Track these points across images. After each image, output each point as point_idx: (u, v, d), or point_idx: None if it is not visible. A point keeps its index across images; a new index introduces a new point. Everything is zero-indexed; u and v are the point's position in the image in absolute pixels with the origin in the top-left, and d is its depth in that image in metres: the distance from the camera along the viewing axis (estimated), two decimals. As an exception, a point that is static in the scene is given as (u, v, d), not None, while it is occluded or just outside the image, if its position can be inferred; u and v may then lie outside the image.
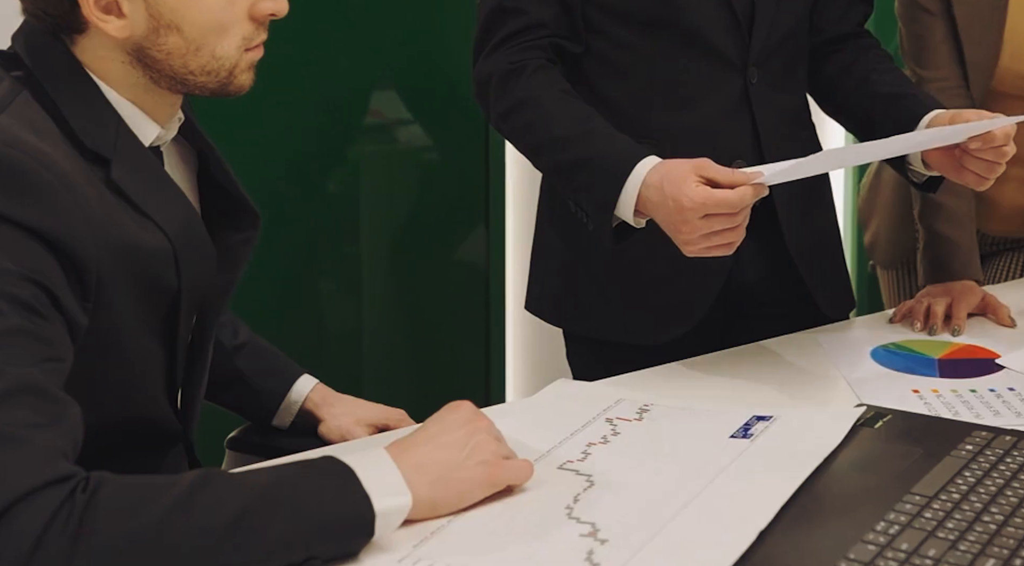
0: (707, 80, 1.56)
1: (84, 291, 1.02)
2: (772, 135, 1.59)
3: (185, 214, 1.15)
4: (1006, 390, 1.39)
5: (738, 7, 1.54)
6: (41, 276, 0.96)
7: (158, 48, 1.10)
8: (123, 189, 1.08)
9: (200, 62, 1.11)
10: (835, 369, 1.47)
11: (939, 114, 1.50)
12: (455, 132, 2.74)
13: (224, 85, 1.14)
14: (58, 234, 0.98)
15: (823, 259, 1.68)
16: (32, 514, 0.85)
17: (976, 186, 1.45)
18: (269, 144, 2.46)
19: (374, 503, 0.97)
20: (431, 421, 1.09)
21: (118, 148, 1.09)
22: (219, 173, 1.24)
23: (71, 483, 0.88)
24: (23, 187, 0.98)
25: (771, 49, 1.57)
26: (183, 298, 1.14)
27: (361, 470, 0.98)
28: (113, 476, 0.90)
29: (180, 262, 1.12)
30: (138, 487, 0.90)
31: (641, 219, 1.39)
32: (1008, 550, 0.96)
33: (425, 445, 1.05)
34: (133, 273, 1.07)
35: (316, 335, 2.62)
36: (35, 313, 0.95)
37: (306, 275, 2.61)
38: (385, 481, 0.99)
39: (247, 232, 1.26)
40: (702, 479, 1.11)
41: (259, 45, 1.16)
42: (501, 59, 1.53)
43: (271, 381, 1.45)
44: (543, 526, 1.03)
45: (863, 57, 1.65)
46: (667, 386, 1.40)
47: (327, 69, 2.54)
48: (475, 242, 2.82)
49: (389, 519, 0.99)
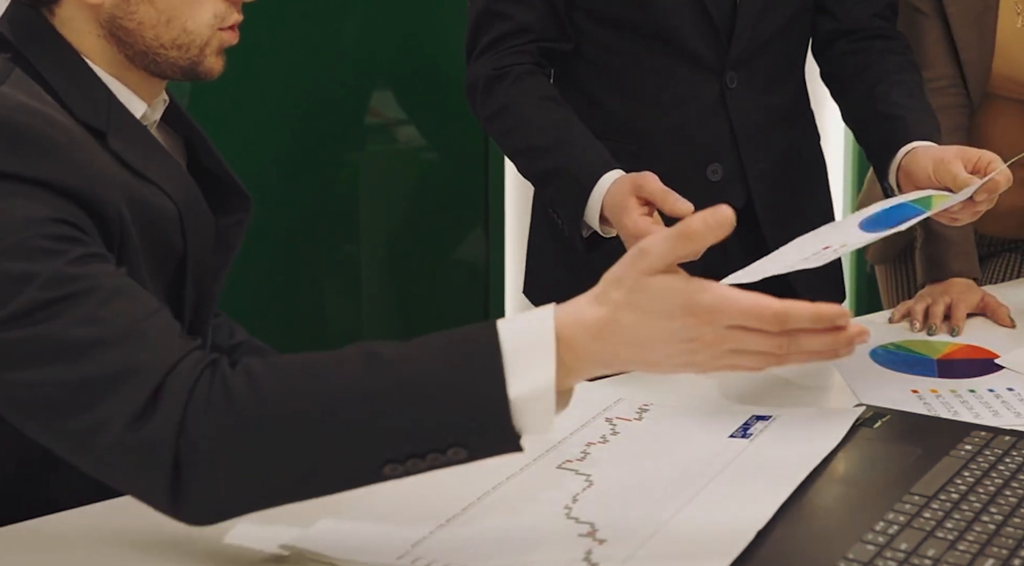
0: (684, 84, 1.58)
1: (109, 244, 1.03)
2: (751, 137, 1.60)
3: (185, 181, 1.17)
4: (1005, 390, 1.39)
5: (716, 13, 1.54)
6: (75, 220, 0.99)
7: (129, 17, 1.11)
8: (123, 157, 1.10)
9: (171, 35, 1.12)
10: (834, 369, 1.47)
11: (916, 151, 1.45)
12: (454, 132, 2.74)
13: (194, 64, 1.15)
14: (82, 188, 1.00)
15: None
16: (173, 395, 0.90)
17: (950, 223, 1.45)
18: (268, 144, 2.46)
19: (510, 388, 0.88)
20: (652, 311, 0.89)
21: (111, 121, 1.11)
22: (208, 158, 1.26)
23: (192, 358, 0.92)
24: (39, 147, 0.99)
25: (754, 52, 1.58)
26: (189, 264, 1.16)
27: (512, 356, 0.88)
28: (252, 358, 0.94)
29: (185, 225, 1.14)
30: (279, 362, 0.93)
31: (611, 228, 1.42)
32: (1007, 550, 0.96)
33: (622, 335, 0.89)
34: (147, 231, 1.09)
35: (315, 335, 2.62)
36: (81, 243, 0.98)
37: (305, 275, 2.61)
38: (532, 372, 0.88)
39: (239, 215, 1.27)
40: (701, 479, 1.11)
41: (233, 27, 1.17)
42: (487, 64, 1.56)
43: None
44: (542, 526, 1.03)
45: (876, 63, 1.62)
46: (667, 386, 1.40)
47: (326, 69, 2.54)
48: (474, 242, 2.82)
49: (532, 406, 0.89)
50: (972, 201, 1.37)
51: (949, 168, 1.37)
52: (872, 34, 1.65)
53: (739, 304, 0.87)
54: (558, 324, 0.89)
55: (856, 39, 1.65)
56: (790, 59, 1.65)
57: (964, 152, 1.39)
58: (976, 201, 1.36)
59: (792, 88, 1.68)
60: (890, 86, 1.59)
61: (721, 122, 1.59)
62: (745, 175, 1.63)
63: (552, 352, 0.88)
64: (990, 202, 1.38)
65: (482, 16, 1.58)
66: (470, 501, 1.07)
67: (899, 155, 1.48)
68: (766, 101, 1.62)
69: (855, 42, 1.65)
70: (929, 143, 1.47)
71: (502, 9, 1.56)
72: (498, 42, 1.56)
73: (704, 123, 1.58)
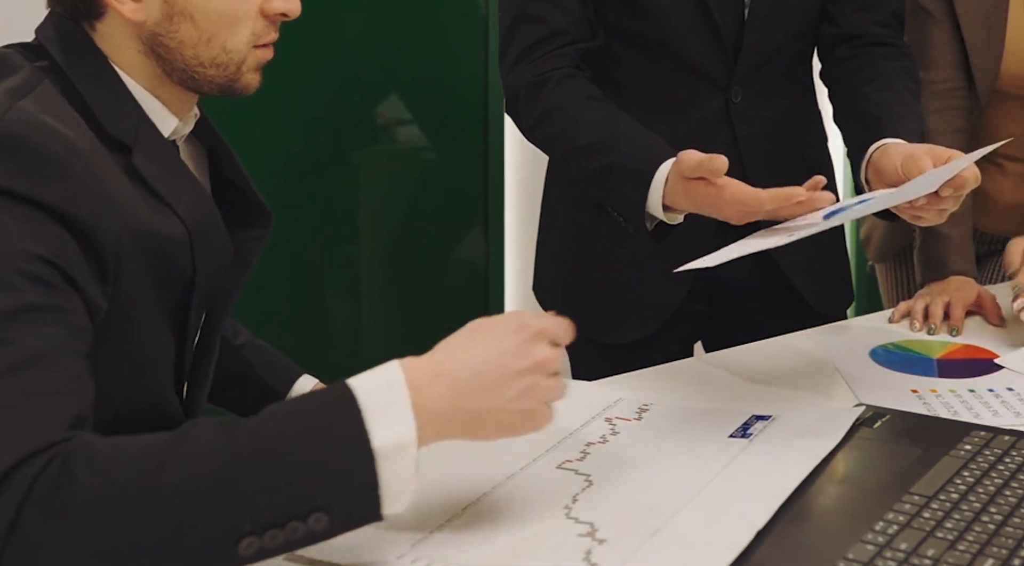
0: (689, 96, 1.58)
1: (103, 275, 1.02)
2: (755, 148, 1.60)
3: (203, 204, 1.17)
4: (1005, 390, 1.40)
5: (724, 30, 1.54)
6: (59, 258, 0.97)
7: (171, 35, 1.11)
8: (143, 176, 1.10)
9: (211, 54, 1.13)
10: (834, 369, 1.47)
11: (887, 146, 1.44)
12: (454, 132, 2.74)
13: (231, 81, 1.15)
14: (80, 216, 0.99)
15: (814, 257, 1.69)
16: (12, 488, 0.84)
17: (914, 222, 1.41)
18: (268, 144, 2.46)
19: (373, 439, 0.89)
20: (477, 333, 0.98)
21: (139, 136, 1.11)
22: (232, 171, 1.26)
23: (53, 451, 0.86)
24: (46, 168, 0.99)
25: (759, 67, 1.58)
26: (196, 288, 1.15)
27: (370, 405, 0.90)
28: (100, 437, 0.88)
29: (196, 251, 1.13)
30: (125, 444, 0.88)
31: (675, 215, 1.39)
32: (1007, 550, 0.96)
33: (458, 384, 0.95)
34: (151, 259, 1.08)
35: (315, 334, 2.62)
36: (52, 287, 0.95)
37: (305, 274, 2.61)
38: (392, 420, 0.91)
39: (258, 230, 1.27)
40: (701, 479, 1.11)
41: (268, 45, 1.17)
42: (526, 71, 1.53)
43: (271, 382, 1.45)
44: (542, 526, 1.03)
45: (870, 68, 1.62)
46: (666, 386, 1.40)
47: (327, 69, 2.54)
48: (473, 242, 2.82)
49: (395, 456, 0.90)
50: (938, 197, 1.32)
51: (918, 163, 1.34)
52: (872, 41, 1.65)
53: (549, 323, 0.98)
54: (403, 366, 0.93)
55: (856, 45, 1.65)
56: (796, 68, 1.65)
57: (934, 150, 1.37)
58: (942, 197, 1.32)
59: (798, 95, 1.68)
60: (878, 89, 1.58)
61: (724, 134, 1.59)
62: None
63: (406, 393, 0.92)
64: (956, 202, 1.34)
65: (516, 22, 1.55)
66: (470, 501, 1.07)
67: (870, 150, 1.46)
68: (770, 112, 1.62)
69: (854, 48, 1.65)
70: (901, 140, 1.46)
71: (536, 12, 1.53)
72: (534, 48, 1.53)
73: (706, 135, 1.57)
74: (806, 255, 1.66)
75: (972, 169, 1.32)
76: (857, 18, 1.64)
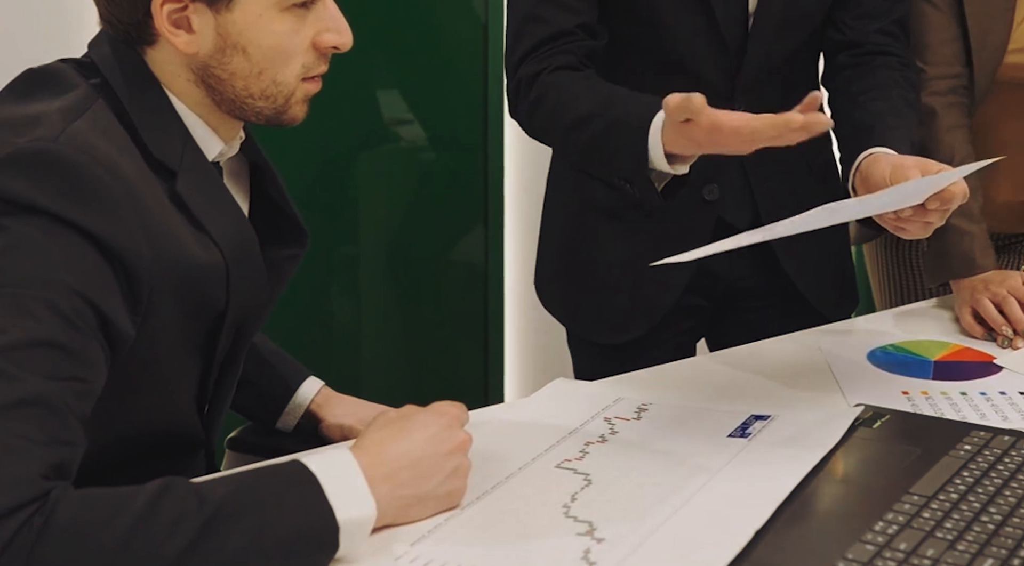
0: None
1: (135, 303, 1.02)
2: (757, 158, 1.59)
3: (241, 232, 1.17)
4: (997, 394, 1.39)
5: (730, 41, 1.54)
6: (92, 291, 0.97)
7: (222, 67, 1.11)
8: (186, 202, 1.10)
9: (261, 86, 1.13)
10: (832, 369, 1.47)
11: (876, 155, 1.43)
12: (454, 132, 2.74)
13: (279, 113, 1.16)
14: (117, 243, 0.99)
15: (816, 258, 1.69)
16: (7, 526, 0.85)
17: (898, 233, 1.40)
18: (268, 144, 2.45)
19: (337, 515, 0.94)
20: (410, 422, 1.07)
21: (184, 160, 1.11)
22: (273, 189, 1.26)
23: (34, 506, 0.87)
24: (89, 193, 0.99)
25: (763, 78, 1.58)
26: (228, 315, 1.15)
27: (327, 481, 0.96)
28: (74, 493, 0.89)
29: (231, 280, 1.14)
30: (96, 504, 0.89)
31: (682, 165, 1.35)
32: (1007, 550, 0.96)
33: (400, 463, 1.03)
34: (185, 288, 1.08)
35: (315, 334, 2.62)
36: (74, 328, 0.95)
37: (305, 274, 2.61)
38: (351, 493, 0.97)
39: (293, 249, 1.28)
40: (699, 478, 1.11)
41: (317, 77, 1.17)
42: (531, 67, 1.53)
43: (277, 383, 1.45)
44: (540, 524, 1.03)
45: (868, 76, 1.61)
46: (665, 386, 1.40)
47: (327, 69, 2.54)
48: (474, 242, 2.82)
49: (355, 531, 0.96)
50: (924, 210, 1.32)
51: (906, 174, 1.33)
52: (873, 50, 1.64)
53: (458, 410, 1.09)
54: (352, 450, 1.00)
55: (857, 53, 1.64)
56: (800, 78, 1.64)
57: (924, 163, 1.35)
58: (928, 210, 1.31)
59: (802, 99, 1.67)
60: (873, 98, 1.57)
61: None
62: (752, 194, 1.63)
63: (360, 475, 0.98)
64: (942, 216, 1.33)
65: (524, 22, 1.55)
66: (469, 501, 1.07)
67: (859, 159, 1.46)
68: None
69: (855, 56, 1.64)
70: (891, 150, 1.45)
71: (542, 13, 1.53)
72: (539, 46, 1.53)
73: None
74: (809, 256, 1.66)
75: (960, 184, 1.30)
76: (859, 25, 1.64)
